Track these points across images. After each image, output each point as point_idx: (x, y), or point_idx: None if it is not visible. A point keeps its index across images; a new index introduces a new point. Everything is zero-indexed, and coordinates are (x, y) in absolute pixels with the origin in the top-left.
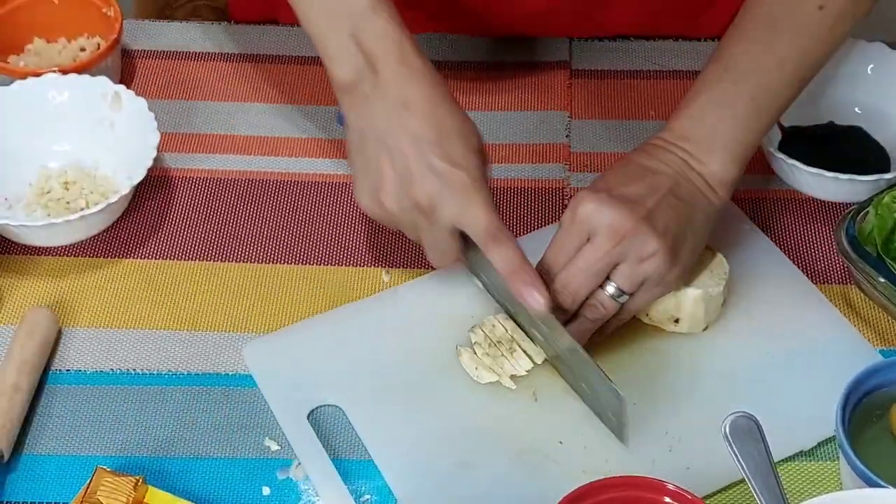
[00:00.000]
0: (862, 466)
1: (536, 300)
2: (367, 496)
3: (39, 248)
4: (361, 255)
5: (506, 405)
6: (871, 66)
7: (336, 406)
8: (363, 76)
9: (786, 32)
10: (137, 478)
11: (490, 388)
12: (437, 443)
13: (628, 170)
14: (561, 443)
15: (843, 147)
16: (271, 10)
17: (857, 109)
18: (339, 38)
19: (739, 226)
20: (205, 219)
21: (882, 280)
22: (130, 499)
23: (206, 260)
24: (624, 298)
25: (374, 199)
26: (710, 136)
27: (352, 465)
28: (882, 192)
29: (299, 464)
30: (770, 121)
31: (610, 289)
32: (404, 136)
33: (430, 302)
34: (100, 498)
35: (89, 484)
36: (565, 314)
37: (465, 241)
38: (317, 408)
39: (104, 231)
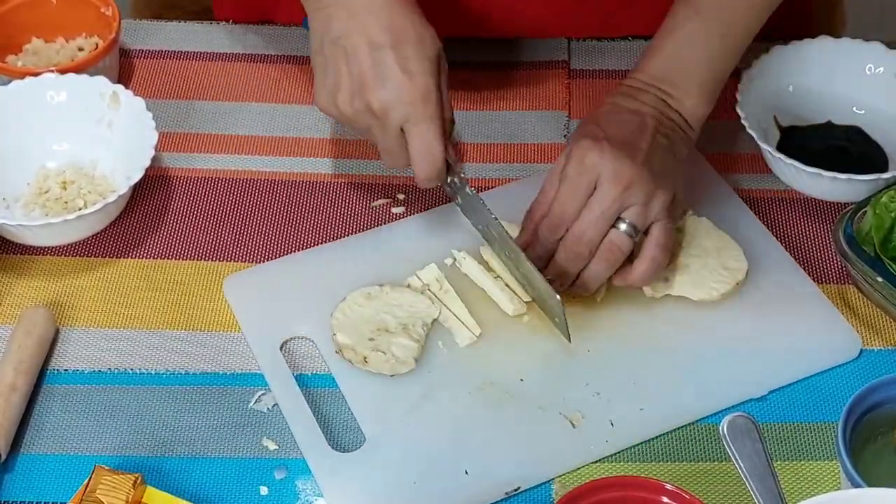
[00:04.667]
0: (860, 480)
1: (425, 175)
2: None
3: (37, 247)
4: None
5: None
6: (870, 65)
7: (308, 339)
8: None
9: None
10: (136, 475)
11: None
12: (403, 375)
13: (616, 114)
14: (521, 380)
15: (842, 147)
16: (256, 13)
17: (855, 109)
18: None
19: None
20: (203, 218)
21: (880, 279)
22: (130, 496)
23: (204, 259)
24: (635, 239)
25: (331, 100)
26: (685, 75)
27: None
28: (880, 191)
29: (264, 393)
30: (737, 56)
31: (623, 226)
32: (361, 40)
33: (409, 237)
34: (99, 496)
35: (88, 483)
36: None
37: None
38: (290, 339)
39: (102, 231)
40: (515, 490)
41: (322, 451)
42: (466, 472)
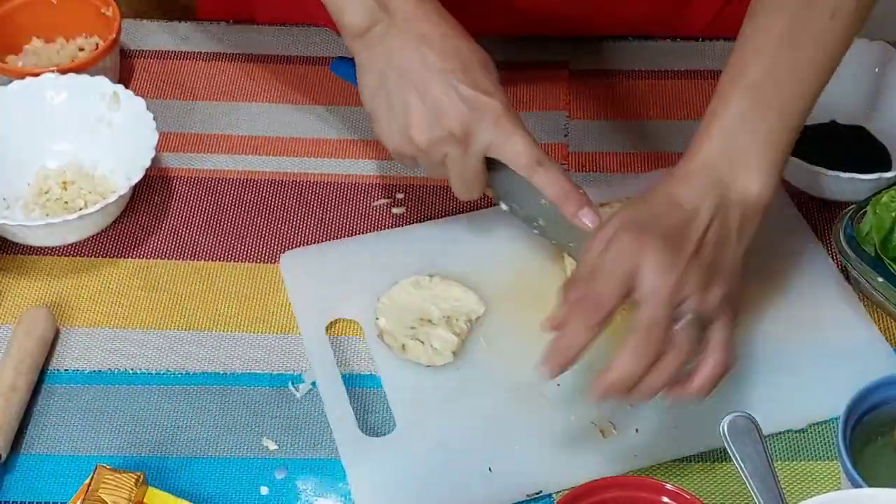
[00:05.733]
0: (860, 480)
1: (591, 219)
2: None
3: (37, 247)
4: None
5: None
6: (874, 65)
7: (354, 321)
8: (376, 18)
9: (802, 47)
10: (138, 474)
11: None
12: (441, 367)
13: (665, 206)
14: (558, 385)
15: (845, 146)
16: (240, 11)
17: (859, 108)
18: None
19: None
20: (203, 218)
21: (880, 280)
22: (132, 495)
23: (204, 260)
24: (700, 335)
25: (404, 136)
26: (744, 160)
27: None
28: (880, 191)
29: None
30: (794, 137)
31: (683, 320)
32: (428, 70)
33: (471, 232)
34: (102, 495)
35: (89, 482)
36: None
37: (489, 169)
38: (337, 320)
39: (102, 231)
40: (537, 493)
41: (352, 432)
42: (490, 470)
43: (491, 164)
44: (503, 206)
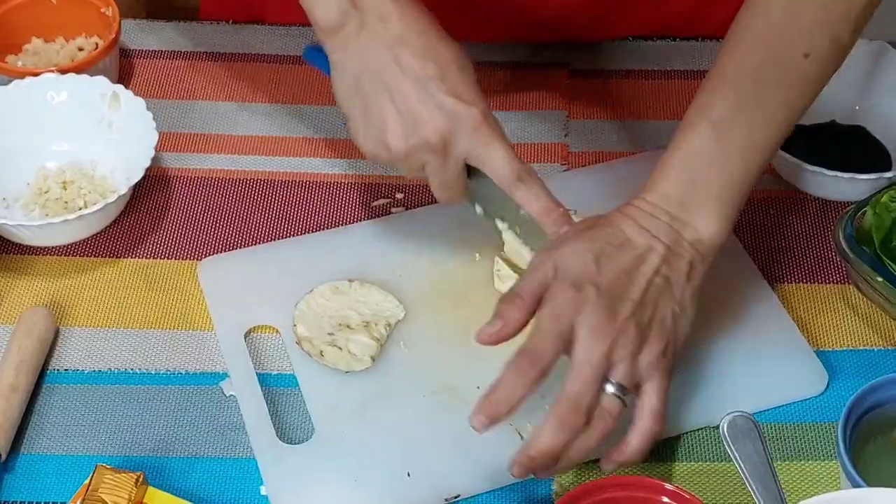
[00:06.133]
0: (860, 480)
1: None
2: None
3: (37, 247)
4: None
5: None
6: (874, 65)
7: (273, 328)
8: (348, 15)
9: (773, 86)
10: (138, 474)
11: None
12: (360, 373)
13: (615, 248)
14: (478, 388)
15: (845, 146)
16: (244, 13)
17: (858, 108)
18: None
19: None
20: (203, 218)
21: (880, 279)
22: (132, 494)
23: (201, 260)
24: (626, 402)
25: (379, 142)
26: (701, 200)
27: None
28: (880, 191)
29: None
30: (756, 177)
31: (610, 388)
32: (403, 74)
33: (392, 234)
34: (102, 495)
35: (89, 482)
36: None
37: (468, 175)
38: (256, 326)
39: (102, 231)
40: (455, 498)
41: (269, 440)
42: (409, 475)
43: (471, 169)
44: (478, 210)
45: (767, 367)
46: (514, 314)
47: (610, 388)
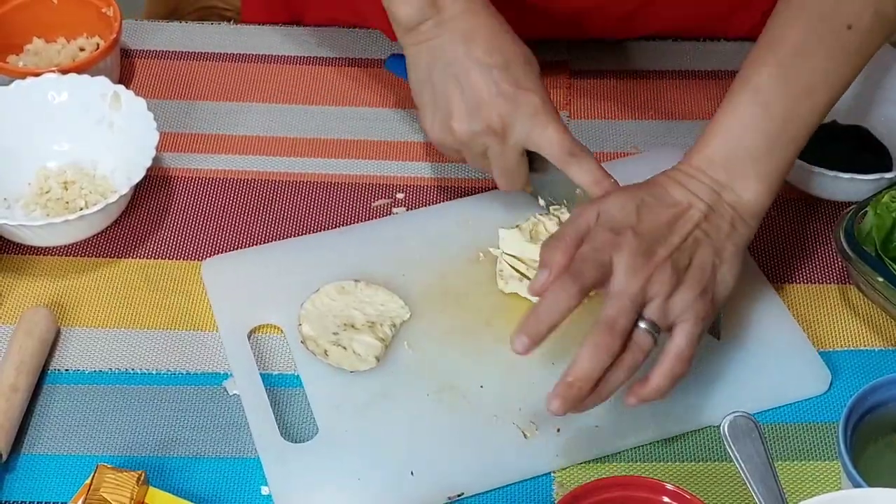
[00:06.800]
0: (860, 480)
1: None
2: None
3: (38, 247)
4: None
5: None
6: (875, 65)
7: (277, 327)
8: (426, 14)
9: (815, 56)
10: (139, 473)
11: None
12: (364, 372)
13: (656, 203)
14: (481, 387)
15: (846, 146)
16: (285, 14)
17: (859, 108)
18: None
19: None
20: (204, 218)
21: (881, 280)
22: (134, 493)
23: (205, 260)
24: (657, 339)
25: (445, 127)
26: (743, 164)
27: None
28: (881, 191)
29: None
30: (799, 147)
31: (643, 324)
32: (471, 65)
33: (398, 234)
34: (104, 494)
35: (90, 482)
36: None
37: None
38: (260, 326)
39: (103, 231)
40: (459, 496)
41: (272, 438)
42: (412, 474)
43: (532, 166)
44: (540, 202)
45: (770, 367)
46: (556, 257)
47: (643, 324)
